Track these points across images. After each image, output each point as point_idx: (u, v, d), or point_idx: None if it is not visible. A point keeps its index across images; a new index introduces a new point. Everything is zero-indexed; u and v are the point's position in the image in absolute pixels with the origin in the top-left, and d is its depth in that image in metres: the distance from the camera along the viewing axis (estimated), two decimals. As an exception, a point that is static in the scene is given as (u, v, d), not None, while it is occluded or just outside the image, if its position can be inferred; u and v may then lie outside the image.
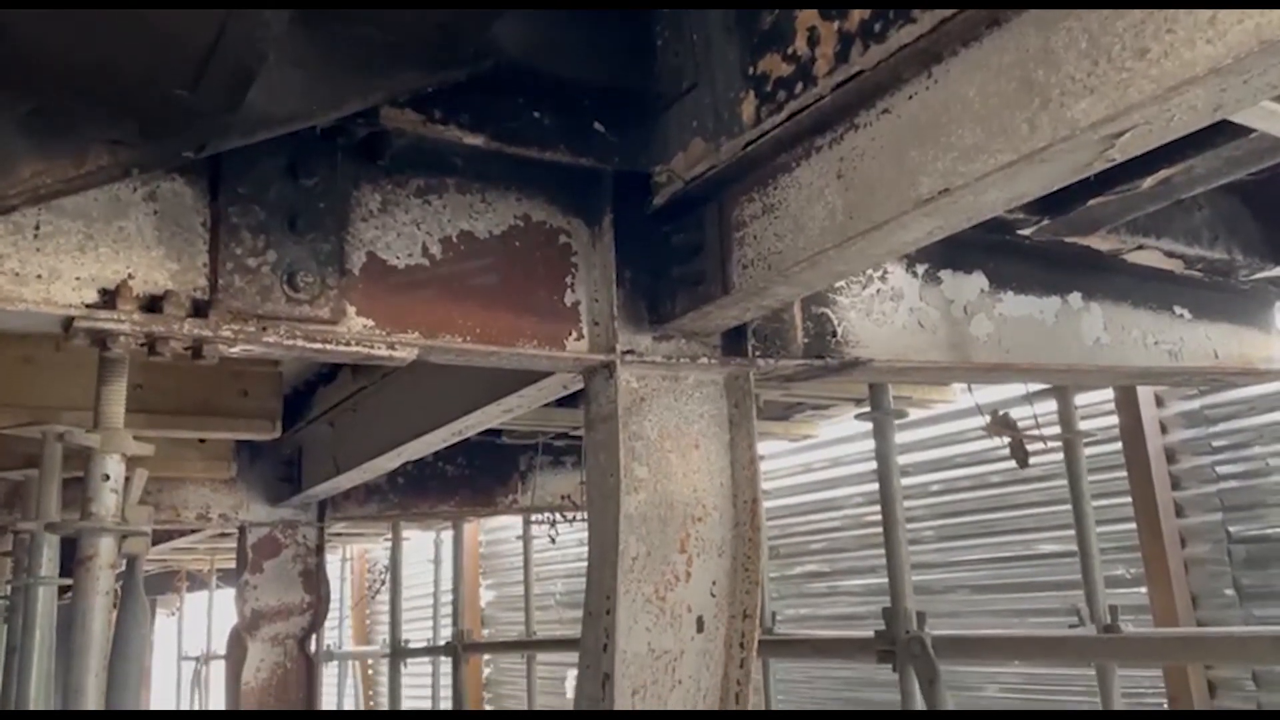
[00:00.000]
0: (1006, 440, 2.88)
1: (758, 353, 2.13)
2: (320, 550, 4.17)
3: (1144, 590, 3.62)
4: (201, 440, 3.44)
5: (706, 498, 2.09)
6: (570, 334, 1.97)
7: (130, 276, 1.53)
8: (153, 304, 1.53)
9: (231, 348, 1.60)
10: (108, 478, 1.63)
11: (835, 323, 2.22)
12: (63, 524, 1.69)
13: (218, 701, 7.15)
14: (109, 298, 1.50)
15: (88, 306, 1.49)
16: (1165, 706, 3.57)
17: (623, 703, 1.97)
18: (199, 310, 1.56)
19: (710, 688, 2.08)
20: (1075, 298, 2.52)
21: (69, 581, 1.79)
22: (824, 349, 2.20)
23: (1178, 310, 2.67)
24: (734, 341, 2.12)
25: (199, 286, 1.58)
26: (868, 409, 3.15)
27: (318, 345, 1.66)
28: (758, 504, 2.13)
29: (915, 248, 1.65)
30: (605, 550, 2.01)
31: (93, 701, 1.58)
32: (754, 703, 2.22)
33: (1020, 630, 4.12)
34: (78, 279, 1.50)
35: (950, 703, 2.68)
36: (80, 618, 1.59)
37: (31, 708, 2.64)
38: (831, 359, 2.20)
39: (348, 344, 1.70)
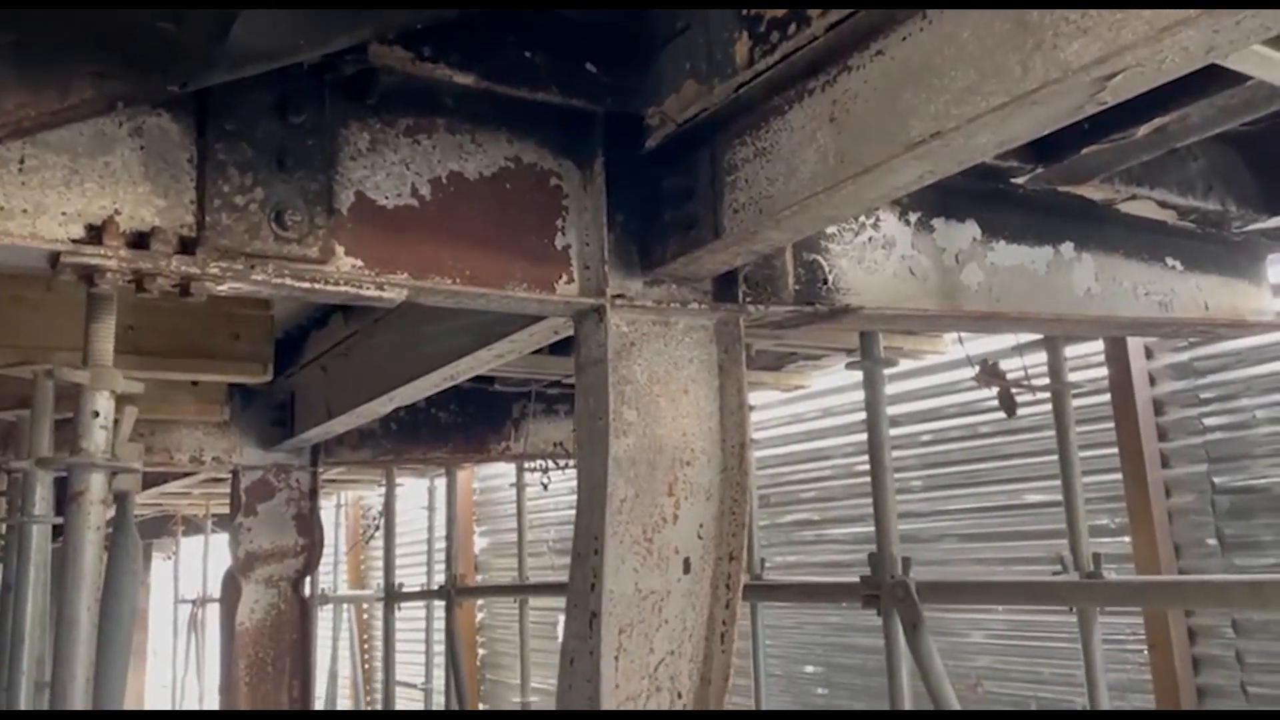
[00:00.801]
0: (995, 390, 2.89)
1: (748, 299, 2.13)
2: (314, 494, 4.20)
3: (1127, 539, 3.67)
4: (194, 383, 3.44)
5: (695, 442, 2.10)
6: (560, 277, 1.97)
7: (117, 212, 1.52)
8: (140, 240, 1.52)
9: (219, 285, 1.59)
10: (97, 414, 1.64)
11: (827, 270, 2.22)
12: (54, 459, 1.70)
13: (213, 643, 7.24)
14: (95, 233, 1.49)
15: (74, 242, 1.48)
16: (1145, 653, 3.64)
17: (609, 641, 2.00)
18: (186, 247, 1.56)
19: (696, 627, 2.12)
20: (1067, 248, 2.52)
21: (62, 520, 1.80)
22: (815, 296, 2.20)
23: (1169, 261, 2.68)
24: (725, 287, 2.12)
25: (186, 223, 1.57)
26: (859, 358, 3.16)
27: (306, 284, 1.66)
28: (746, 449, 2.15)
29: (906, 192, 1.64)
30: (594, 492, 2.03)
31: (86, 635, 1.60)
32: (740, 648, 2.26)
33: (1004, 575, 4.19)
34: (64, 214, 1.49)
35: (934, 647, 2.72)
36: (72, 553, 1.61)
37: (26, 645, 2.67)
38: (822, 306, 2.20)
39: (336, 284, 1.69)
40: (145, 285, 1.53)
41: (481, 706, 8.44)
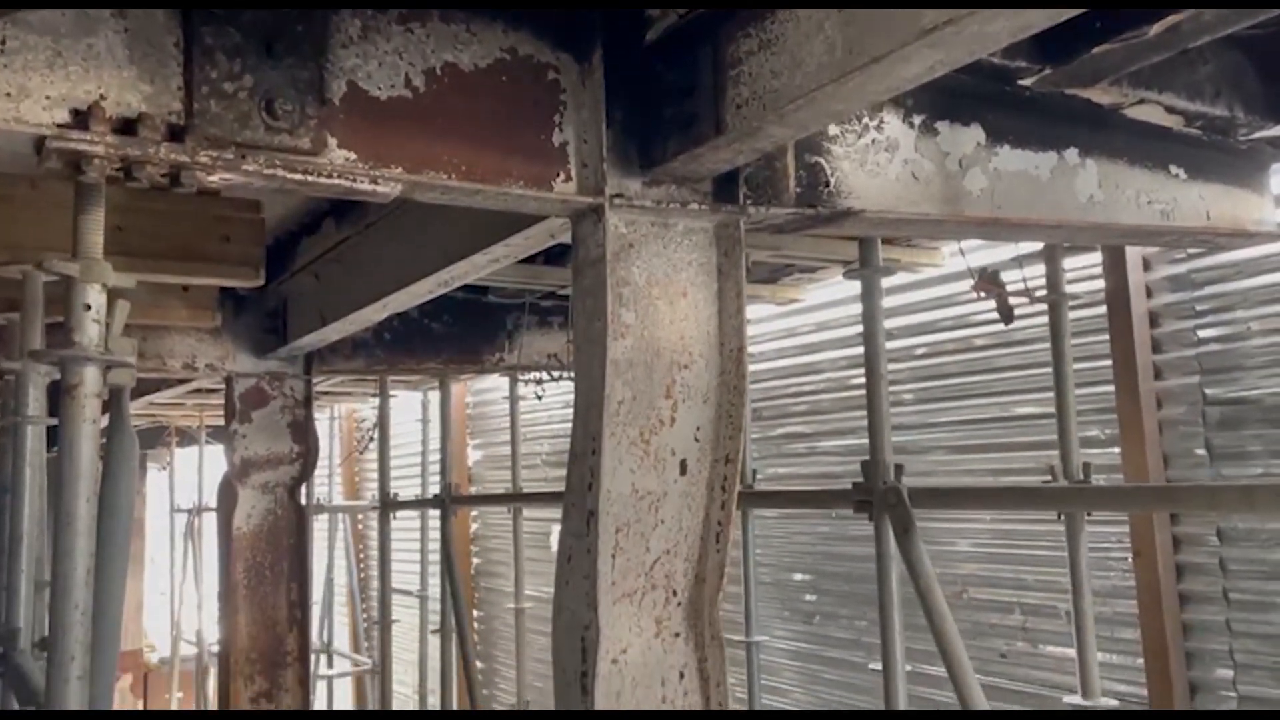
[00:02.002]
0: (993, 298, 2.88)
1: (749, 200, 2.10)
2: (308, 403, 4.20)
3: (1117, 451, 3.71)
4: (185, 288, 3.41)
5: (693, 345, 2.09)
6: (558, 175, 1.93)
7: (103, 97, 1.47)
8: (127, 126, 1.48)
9: (210, 175, 1.56)
10: (89, 307, 1.61)
11: (828, 172, 2.19)
12: (46, 353, 1.69)
13: (210, 551, 7.34)
14: (81, 118, 1.45)
15: (59, 126, 1.44)
16: (1129, 560, 3.71)
17: (606, 540, 2.02)
18: (175, 135, 1.51)
19: (691, 528, 2.14)
20: (1071, 154, 2.49)
21: (56, 422, 1.79)
22: (816, 198, 2.17)
23: (1173, 170, 2.64)
24: (725, 188, 2.09)
25: (174, 110, 1.53)
26: (857, 268, 3.13)
27: (298, 176, 1.62)
28: (743, 353, 2.14)
29: (914, 84, 1.60)
30: (592, 394, 2.02)
31: (85, 529, 1.61)
32: (731, 557, 2.29)
33: (994, 481, 4.24)
34: (48, 98, 1.44)
35: (924, 552, 2.76)
36: (68, 447, 1.60)
37: (25, 545, 2.69)
38: (823, 209, 2.17)
39: (329, 176, 1.66)
40: (134, 174, 1.50)
41: (477, 613, 8.61)
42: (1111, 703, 3.18)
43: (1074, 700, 3.13)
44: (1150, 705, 3.64)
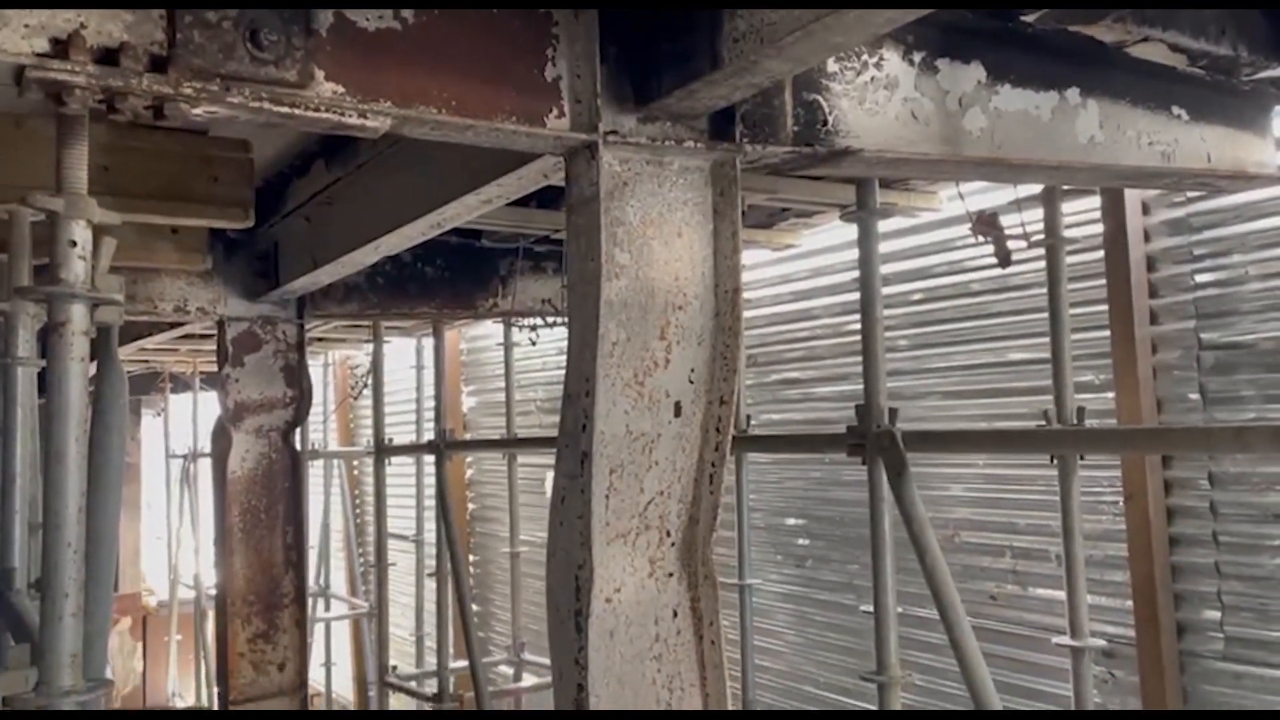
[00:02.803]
0: (990, 240, 2.86)
1: (745, 138, 2.07)
2: (301, 347, 4.18)
3: (1111, 396, 3.71)
4: (174, 230, 3.36)
5: (688, 286, 2.08)
6: (551, 111, 1.90)
7: (83, 26, 1.43)
8: (108, 56, 1.44)
9: (195, 108, 1.52)
10: (74, 244, 1.59)
11: (826, 110, 2.15)
12: (32, 289, 1.66)
13: (207, 496, 7.38)
14: (61, 48, 1.41)
15: (39, 56, 1.40)
16: (1121, 504, 3.73)
17: (600, 480, 2.02)
18: (158, 66, 1.48)
19: (685, 469, 2.14)
20: (1073, 93, 2.45)
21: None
22: (813, 137, 2.14)
23: (1175, 110, 2.61)
24: (721, 126, 2.05)
25: (156, 40, 1.49)
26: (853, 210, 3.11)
27: (285, 109, 1.59)
28: (738, 294, 2.12)
29: (917, 15, 1.56)
30: (585, 335, 2.01)
31: (75, 466, 1.60)
32: (724, 502, 2.29)
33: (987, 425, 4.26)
34: (26, 26, 1.40)
35: (917, 494, 2.77)
36: (56, 384, 1.59)
37: (18, 486, 2.69)
38: (821, 147, 2.14)
39: (317, 110, 1.62)
40: (116, 106, 1.46)
41: (472, 558, 8.68)
42: (1099, 643, 3.22)
43: (1062, 640, 3.17)
44: (1137, 646, 3.69)
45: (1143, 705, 3.68)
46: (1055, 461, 3.05)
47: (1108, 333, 3.70)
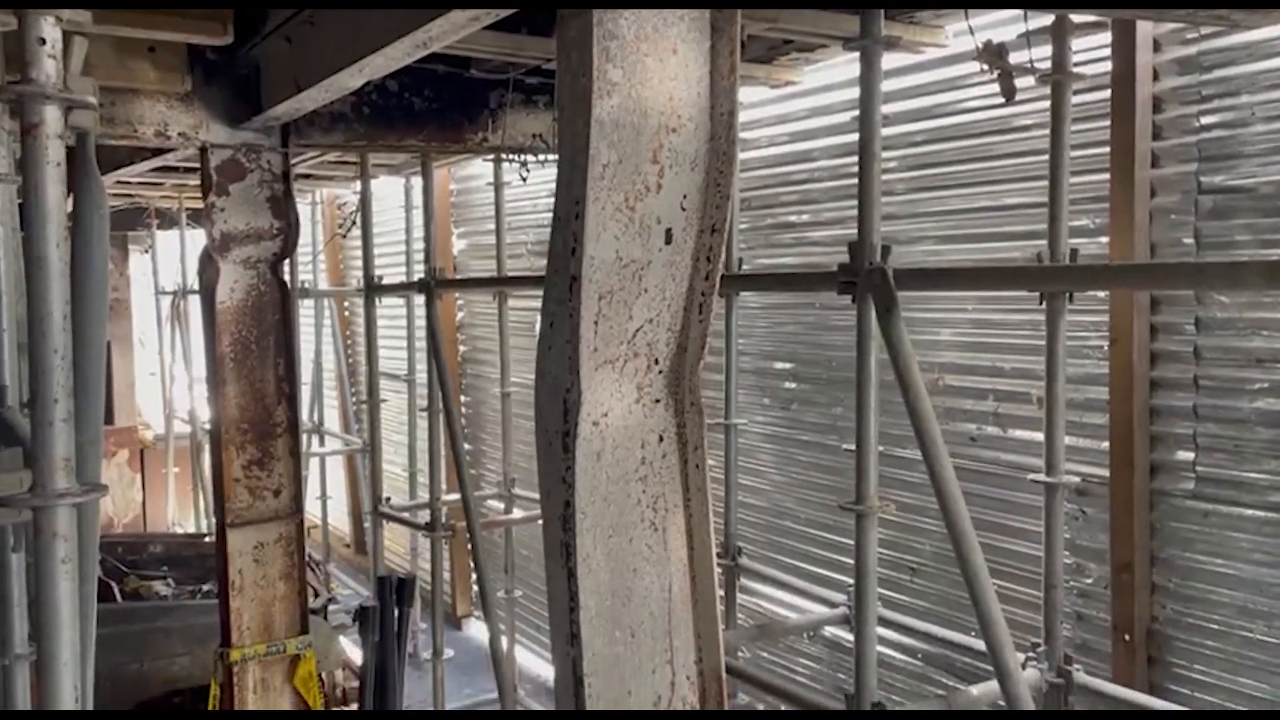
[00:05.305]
0: (996, 72, 2.77)
1: (745, -54, 1.97)
2: (286, 177, 4.09)
3: (1105, 240, 3.69)
4: (151, 48, 3.24)
5: (682, 108, 2.01)
6: (541, -88, 1.80)
7: None
8: None
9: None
10: (43, 41, 1.52)
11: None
12: (3, 89, 1.60)
13: (197, 333, 7.39)
14: None
15: None
16: (1105, 348, 3.76)
17: (589, 306, 2.01)
18: None
19: (675, 298, 2.13)
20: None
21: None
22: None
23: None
24: (721, -70, 1.95)
25: None
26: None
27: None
28: (734, 117, 2.06)
29: None
30: (576, 156, 1.96)
31: (57, 272, 1.58)
32: (713, 346, 2.29)
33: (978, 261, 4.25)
34: None
35: (905, 331, 2.77)
36: (33, 189, 1.55)
37: (4, 306, 2.67)
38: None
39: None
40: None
41: (464, 398, 8.80)
42: (1073, 479, 3.31)
43: (1038, 477, 3.25)
44: (1110, 484, 3.80)
45: (1110, 540, 3.81)
46: (1044, 302, 3.06)
47: (1107, 176, 3.65)
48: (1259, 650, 3.48)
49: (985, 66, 2.80)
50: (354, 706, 5.74)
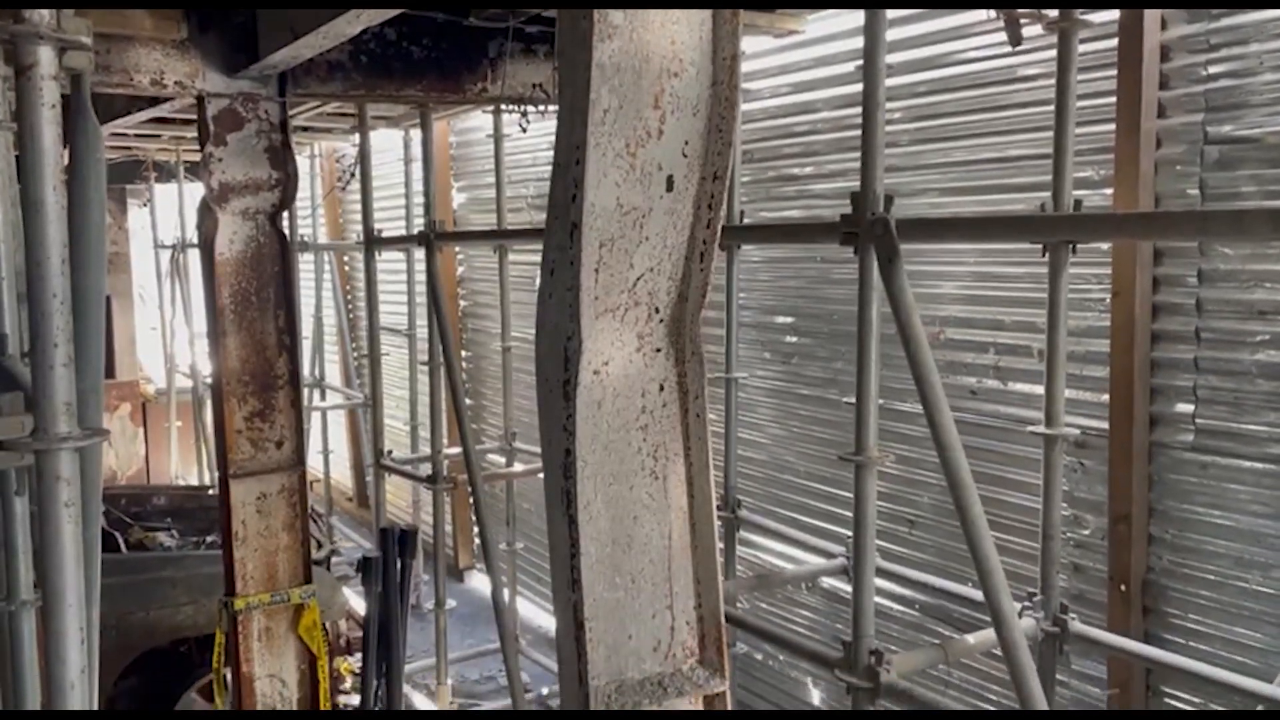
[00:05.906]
0: (1003, 17, 2.73)
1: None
2: (284, 127, 4.06)
3: (1110, 192, 3.66)
4: (144, -5, 3.19)
5: (684, 52, 1.99)
6: None
7: None
8: None
9: None
10: (34, -20, 1.50)
11: None
12: (-4, 30, 1.58)
13: (197, 288, 7.37)
14: None
15: None
16: (1108, 300, 3.75)
17: (590, 253, 2.00)
18: None
19: (676, 245, 2.12)
20: None
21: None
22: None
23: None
24: None
25: None
26: (860, -15, 2.95)
27: None
28: (736, 61, 2.04)
29: None
30: (576, 101, 1.94)
31: (55, 216, 1.57)
32: (714, 300, 2.28)
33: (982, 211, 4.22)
34: None
35: (906, 282, 2.76)
36: (28, 131, 1.54)
37: (3, 254, 2.66)
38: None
39: None
40: None
41: (465, 353, 8.80)
42: (1073, 431, 3.32)
43: (1037, 429, 3.26)
44: (1109, 436, 3.81)
45: (1109, 492, 3.83)
46: (1046, 255, 3.04)
47: (1112, 127, 3.61)
48: (1254, 600, 3.51)
49: (993, 12, 2.76)
50: (358, 655, 5.80)
